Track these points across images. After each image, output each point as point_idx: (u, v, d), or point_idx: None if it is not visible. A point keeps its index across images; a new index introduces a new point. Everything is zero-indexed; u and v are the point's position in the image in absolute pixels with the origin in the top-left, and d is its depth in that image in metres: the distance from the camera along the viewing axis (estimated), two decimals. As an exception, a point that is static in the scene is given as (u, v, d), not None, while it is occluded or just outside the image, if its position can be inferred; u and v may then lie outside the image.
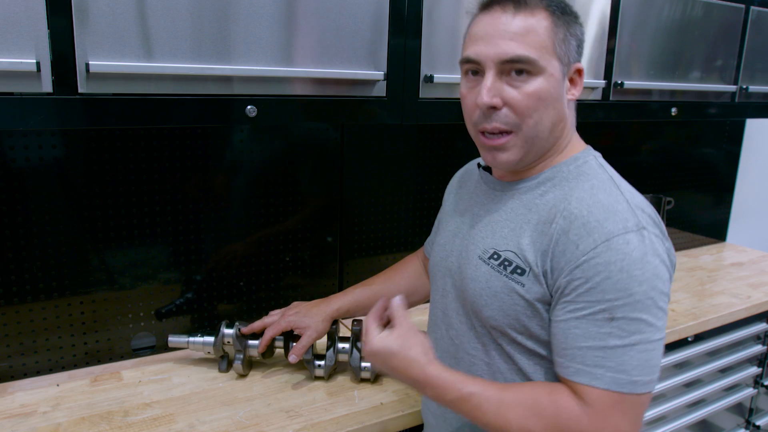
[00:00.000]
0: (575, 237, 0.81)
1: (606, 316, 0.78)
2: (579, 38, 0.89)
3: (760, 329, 1.88)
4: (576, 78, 0.90)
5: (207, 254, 1.43)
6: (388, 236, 1.68)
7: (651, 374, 0.79)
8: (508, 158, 0.89)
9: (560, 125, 0.90)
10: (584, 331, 0.80)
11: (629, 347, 0.78)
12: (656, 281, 0.79)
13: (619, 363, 0.78)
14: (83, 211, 1.27)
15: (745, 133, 2.50)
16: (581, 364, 0.80)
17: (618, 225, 0.80)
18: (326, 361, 1.27)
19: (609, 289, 0.78)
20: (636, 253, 0.78)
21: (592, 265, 0.79)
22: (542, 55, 0.84)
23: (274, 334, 1.26)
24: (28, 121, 0.92)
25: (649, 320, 0.78)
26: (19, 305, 1.25)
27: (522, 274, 0.86)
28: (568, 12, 0.88)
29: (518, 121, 0.86)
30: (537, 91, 0.85)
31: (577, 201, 0.84)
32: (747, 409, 1.99)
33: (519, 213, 0.91)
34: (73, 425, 1.10)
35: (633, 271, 0.77)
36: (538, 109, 0.85)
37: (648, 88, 1.64)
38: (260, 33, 1.06)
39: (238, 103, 1.08)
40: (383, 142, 1.61)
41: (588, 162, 0.91)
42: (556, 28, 0.85)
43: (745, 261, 2.26)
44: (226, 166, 1.42)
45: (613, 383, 0.78)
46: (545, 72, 0.85)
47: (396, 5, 1.19)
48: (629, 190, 0.88)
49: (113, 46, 0.95)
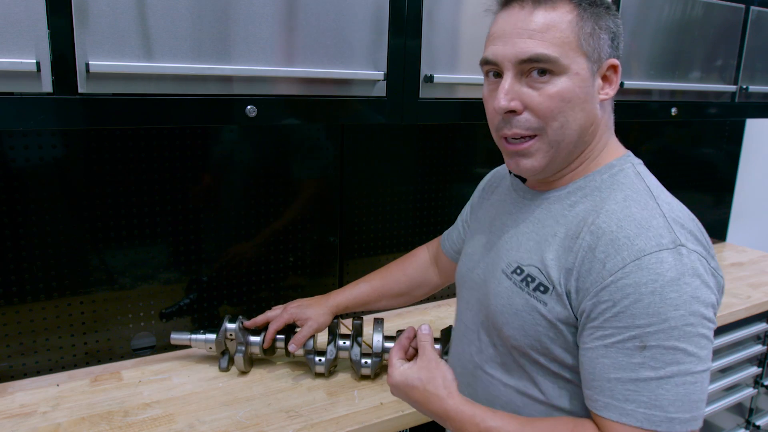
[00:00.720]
0: (602, 255, 0.74)
1: (637, 344, 0.70)
2: (613, 31, 0.81)
3: (760, 329, 1.88)
4: (611, 75, 0.81)
5: (207, 254, 1.43)
6: (388, 236, 1.68)
7: (692, 410, 0.70)
8: (532, 165, 0.82)
9: (591, 128, 0.82)
10: (613, 361, 0.72)
11: (664, 380, 0.70)
12: (696, 305, 0.70)
13: (653, 398, 0.70)
14: (83, 211, 1.27)
15: (745, 133, 2.50)
16: (610, 397, 0.72)
17: (651, 242, 0.72)
18: (327, 357, 1.27)
19: (639, 314, 0.70)
20: (671, 273, 0.70)
21: (620, 286, 0.71)
22: (565, 52, 0.77)
23: (278, 327, 1.27)
24: (28, 121, 0.92)
25: (687, 349, 0.70)
26: (19, 305, 1.25)
27: (545, 292, 0.79)
28: (598, 3, 0.80)
29: (542, 125, 0.79)
30: (560, 92, 0.77)
31: (606, 214, 0.77)
32: (747, 409, 1.99)
33: (546, 225, 0.84)
34: (73, 425, 1.10)
35: (667, 293, 0.69)
36: (563, 110, 0.78)
37: (648, 88, 1.64)
38: (260, 33, 1.06)
39: (238, 103, 1.08)
40: (383, 142, 1.61)
41: (624, 170, 0.83)
42: (581, 22, 0.77)
43: (745, 261, 2.26)
44: (226, 166, 1.42)
45: (645, 420, 0.70)
46: (569, 70, 0.77)
47: (396, 5, 1.19)
48: (669, 202, 0.79)
49: (113, 46, 0.95)
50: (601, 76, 0.81)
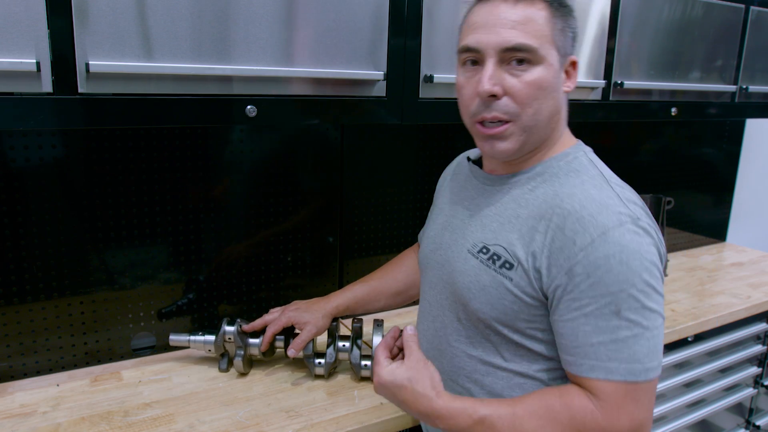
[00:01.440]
0: (571, 233, 0.81)
1: (612, 309, 0.79)
2: (574, 31, 0.90)
3: (760, 329, 1.88)
4: (571, 71, 0.91)
5: (207, 254, 1.43)
6: (388, 236, 1.68)
7: (659, 358, 0.81)
8: (506, 147, 0.88)
9: (556, 116, 0.91)
10: (594, 327, 0.80)
11: (639, 336, 0.79)
12: (653, 269, 0.80)
13: (632, 353, 0.79)
14: (83, 211, 1.27)
15: (745, 133, 2.49)
16: (595, 359, 0.80)
17: (612, 218, 0.80)
18: (326, 359, 1.27)
19: (611, 282, 0.78)
20: (633, 245, 0.79)
21: (591, 260, 0.79)
22: (542, 44, 0.84)
23: (276, 331, 1.26)
24: (28, 121, 0.93)
25: (651, 307, 0.79)
26: (19, 305, 1.25)
27: (510, 268, 0.87)
28: (564, 4, 0.89)
29: (518, 110, 0.86)
30: (537, 80, 0.85)
31: (569, 197, 0.85)
32: (747, 409, 1.99)
33: (509, 207, 0.91)
34: (73, 425, 1.10)
35: (632, 261, 0.78)
36: (538, 98, 0.86)
37: (648, 88, 1.64)
38: (260, 33, 1.06)
39: (238, 103, 1.08)
40: (383, 142, 1.61)
41: (578, 158, 0.91)
42: (554, 19, 0.86)
43: (745, 261, 2.26)
44: (226, 166, 1.42)
45: (628, 374, 0.79)
46: (545, 61, 0.85)
47: (396, 5, 1.19)
48: (619, 184, 0.89)
49: (113, 46, 0.95)
50: (564, 71, 0.90)
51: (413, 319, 1.62)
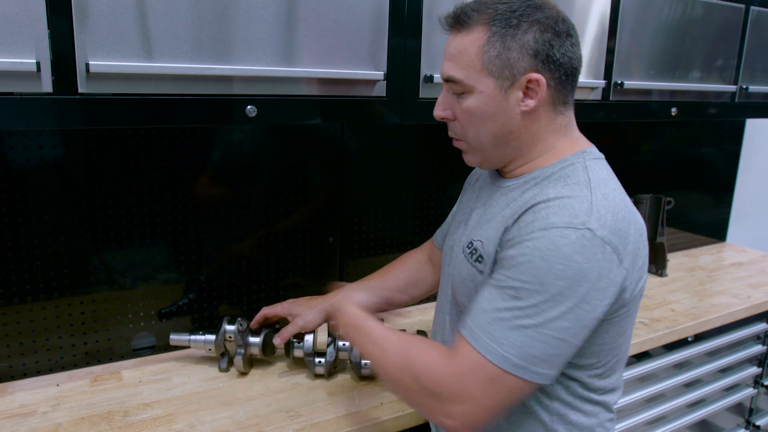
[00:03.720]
0: (523, 223, 0.85)
1: (513, 293, 0.81)
2: (532, 47, 0.86)
3: (760, 329, 1.88)
4: (535, 87, 0.87)
5: (207, 254, 1.43)
6: (389, 236, 1.68)
7: (526, 360, 0.80)
8: (470, 160, 0.98)
9: (512, 137, 0.91)
10: (491, 297, 0.84)
11: (517, 327, 0.80)
12: (577, 284, 0.78)
13: (499, 335, 0.81)
14: (83, 211, 1.27)
15: (745, 133, 2.49)
16: (472, 321, 0.84)
17: (563, 219, 0.81)
18: (327, 358, 1.27)
19: (525, 272, 0.80)
20: (566, 249, 0.78)
21: (522, 246, 0.82)
22: (469, 74, 0.88)
23: (269, 313, 1.29)
24: (28, 121, 0.93)
25: (550, 315, 0.79)
26: (19, 305, 1.25)
27: (480, 261, 0.92)
28: (513, 24, 0.85)
29: (462, 133, 0.94)
30: (468, 108, 0.90)
31: (542, 196, 0.86)
32: (747, 409, 1.99)
33: (500, 208, 0.94)
34: (73, 425, 1.10)
35: (555, 263, 0.78)
36: (474, 123, 0.91)
37: (648, 88, 1.64)
38: (260, 33, 1.06)
39: (238, 103, 1.08)
40: (383, 142, 1.61)
41: (574, 164, 0.91)
42: (487, 45, 0.86)
43: (745, 261, 2.26)
44: (226, 166, 1.42)
45: (484, 349, 0.81)
46: (475, 90, 0.88)
47: (396, 5, 1.19)
48: (605, 194, 0.85)
49: (113, 46, 0.95)
50: (522, 90, 0.88)
51: (414, 318, 1.63)
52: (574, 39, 0.90)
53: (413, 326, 1.48)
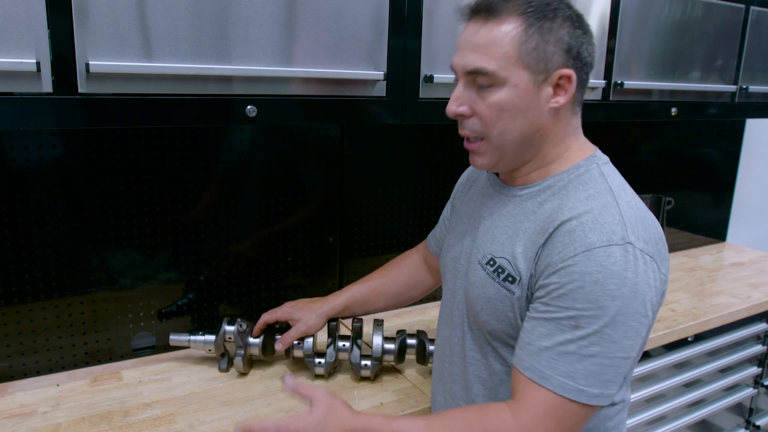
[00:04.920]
0: (559, 244, 0.81)
1: (572, 323, 0.78)
2: (566, 42, 0.84)
3: (760, 329, 1.88)
4: (564, 84, 0.85)
5: (207, 254, 1.43)
6: (388, 236, 1.68)
7: (602, 388, 0.79)
8: (482, 162, 0.91)
9: (537, 134, 0.87)
10: (548, 332, 0.80)
11: (585, 357, 0.78)
12: (632, 300, 0.77)
13: (571, 370, 0.78)
14: (83, 211, 1.27)
15: (745, 133, 2.50)
16: (536, 361, 0.81)
17: (602, 237, 0.78)
18: (326, 359, 1.27)
19: (580, 299, 0.78)
20: (615, 267, 0.77)
21: (568, 272, 0.79)
22: (504, 65, 0.83)
23: (270, 320, 1.28)
24: (28, 121, 0.92)
25: (613, 336, 0.77)
26: (19, 305, 1.25)
27: (513, 282, 0.87)
28: (549, 17, 0.83)
29: (484, 130, 0.87)
30: (499, 102, 0.84)
31: (569, 210, 0.83)
32: (747, 409, 1.99)
33: (518, 220, 0.90)
34: (73, 425, 1.10)
35: (608, 284, 0.76)
36: (502, 119, 0.85)
37: (648, 88, 1.64)
38: (260, 33, 1.06)
39: (238, 103, 1.08)
40: (383, 142, 1.61)
41: (590, 171, 0.88)
42: (524, 36, 0.82)
43: (745, 261, 2.26)
44: (226, 166, 1.42)
45: (559, 387, 0.78)
46: (508, 83, 0.83)
47: (396, 5, 1.19)
48: (629, 201, 0.85)
49: (113, 46, 0.95)
50: (552, 86, 0.85)
51: (414, 318, 1.63)
52: (592, 38, 0.88)
53: (413, 326, 1.48)
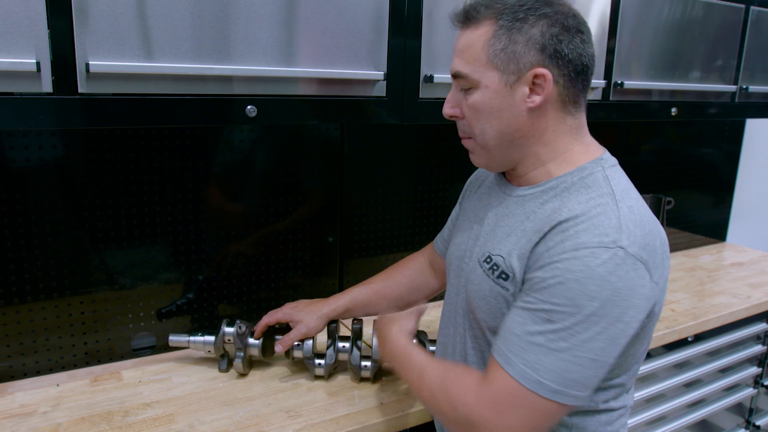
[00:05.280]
0: (551, 242, 0.82)
1: (545, 317, 0.79)
2: (538, 41, 0.84)
3: (760, 329, 1.88)
4: (541, 83, 0.85)
5: (207, 254, 1.43)
6: (388, 236, 1.68)
7: (563, 385, 0.78)
8: (477, 160, 0.96)
9: (518, 135, 0.88)
10: (522, 320, 0.82)
11: (552, 351, 0.78)
12: (611, 304, 0.77)
13: (534, 360, 0.79)
14: (83, 211, 1.27)
15: (745, 133, 2.50)
16: (505, 347, 0.82)
17: (594, 238, 0.78)
18: (326, 360, 1.27)
19: (557, 294, 0.78)
20: (600, 269, 0.76)
21: (552, 268, 0.80)
22: (475, 68, 0.87)
23: (270, 322, 1.29)
24: (28, 121, 0.92)
25: (583, 337, 0.77)
26: (19, 305, 1.25)
27: (506, 279, 0.88)
28: (520, 17, 0.84)
29: (469, 130, 0.92)
30: (474, 103, 0.88)
31: (567, 211, 0.83)
32: (747, 409, 1.99)
33: (518, 220, 0.91)
34: (73, 425, 1.10)
35: (588, 285, 0.76)
36: (479, 119, 0.89)
37: (648, 88, 1.64)
38: (260, 33, 1.06)
39: (238, 103, 1.08)
40: (383, 142, 1.61)
41: (594, 174, 0.88)
42: (493, 39, 0.84)
43: (745, 261, 2.26)
44: (226, 166, 1.42)
45: (519, 375, 0.79)
46: (480, 84, 0.87)
47: (396, 5, 1.19)
48: (631, 206, 0.84)
49: (113, 46, 0.95)
50: (528, 85, 0.86)
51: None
52: (585, 36, 0.87)
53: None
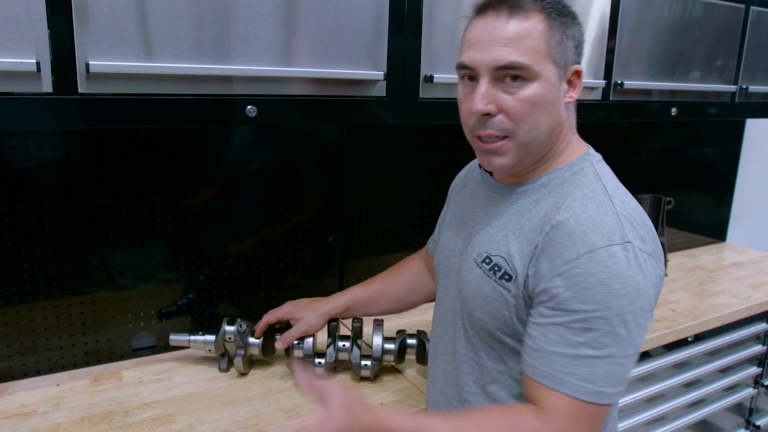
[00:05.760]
0: (560, 246, 0.81)
1: (582, 326, 0.78)
2: (577, 39, 0.87)
3: (760, 329, 1.88)
4: (574, 80, 0.88)
5: (207, 254, 1.43)
6: (388, 236, 1.68)
7: (617, 386, 0.80)
8: (503, 162, 0.88)
9: (557, 129, 0.89)
10: (560, 337, 0.80)
11: (601, 359, 0.78)
12: (636, 297, 0.79)
13: (589, 373, 0.79)
14: (83, 211, 1.27)
15: (745, 133, 2.50)
16: (551, 368, 0.80)
17: (603, 237, 0.79)
18: (326, 359, 1.27)
19: (588, 300, 0.78)
20: (618, 267, 0.78)
21: (573, 274, 0.79)
22: (537, 60, 0.82)
23: (271, 320, 1.29)
24: (28, 121, 0.92)
25: (623, 335, 0.78)
26: (19, 305, 1.25)
27: (509, 280, 0.88)
28: (565, 13, 0.86)
29: (513, 127, 0.85)
30: (532, 97, 0.83)
31: (566, 210, 0.84)
32: (747, 409, 1.99)
33: (513, 218, 0.91)
34: (73, 425, 1.10)
35: (613, 284, 0.78)
36: (534, 114, 0.84)
37: (648, 88, 1.64)
38: (260, 33, 1.06)
39: (238, 103, 1.08)
40: (383, 142, 1.61)
41: (584, 169, 0.89)
42: (551, 31, 0.83)
43: (745, 261, 2.26)
44: (226, 166, 1.42)
45: (578, 391, 0.79)
46: (540, 77, 0.83)
47: (396, 5, 1.19)
48: (623, 200, 0.86)
49: (113, 46, 0.95)
50: (566, 81, 0.87)
51: (414, 318, 1.63)
52: None
53: (413, 326, 1.48)
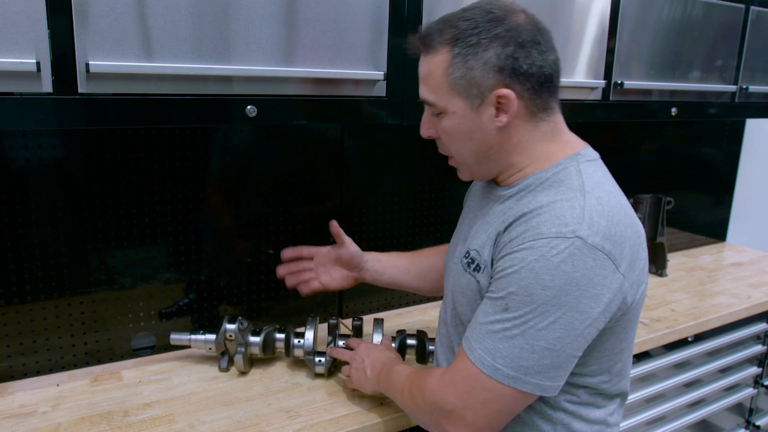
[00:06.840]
0: (514, 233, 0.84)
1: (502, 304, 0.82)
2: (495, 64, 0.84)
3: (760, 329, 1.88)
4: (504, 103, 0.85)
5: (207, 254, 1.43)
6: (388, 236, 1.68)
7: (518, 372, 0.81)
8: (462, 175, 0.99)
9: (492, 152, 0.90)
10: (485, 308, 0.86)
11: (507, 338, 0.81)
12: (567, 295, 0.78)
13: (492, 347, 0.83)
14: (83, 211, 1.27)
15: (745, 133, 2.50)
16: (470, 334, 0.87)
17: (552, 228, 0.80)
18: (326, 357, 1.27)
19: (513, 283, 0.81)
20: (555, 259, 0.78)
21: (511, 257, 0.82)
22: (440, 96, 0.88)
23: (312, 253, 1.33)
24: (28, 121, 0.93)
25: (538, 325, 0.79)
26: (19, 305, 1.25)
27: (478, 270, 0.91)
28: (473, 43, 0.84)
29: (448, 150, 0.95)
30: (445, 128, 0.91)
31: (534, 203, 0.85)
32: (747, 409, 1.99)
33: (495, 217, 0.93)
34: (73, 425, 1.10)
35: (542, 274, 0.78)
36: (452, 142, 0.92)
37: (648, 88, 1.64)
38: (260, 33, 1.06)
39: (238, 103, 1.08)
40: (383, 142, 1.61)
41: (567, 168, 0.88)
42: (451, 67, 0.85)
43: (745, 261, 2.26)
44: (226, 166, 1.42)
45: (478, 360, 0.83)
46: (447, 111, 0.89)
47: (396, 5, 1.19)
48: (600, 198, 0.84)
49: (113, 46, 0.95)
50: (494, 106, 0.86)
51: (413, 318, 1.63)
52: (543, 46, 0.86)
53: (413, 326, 1.48)
